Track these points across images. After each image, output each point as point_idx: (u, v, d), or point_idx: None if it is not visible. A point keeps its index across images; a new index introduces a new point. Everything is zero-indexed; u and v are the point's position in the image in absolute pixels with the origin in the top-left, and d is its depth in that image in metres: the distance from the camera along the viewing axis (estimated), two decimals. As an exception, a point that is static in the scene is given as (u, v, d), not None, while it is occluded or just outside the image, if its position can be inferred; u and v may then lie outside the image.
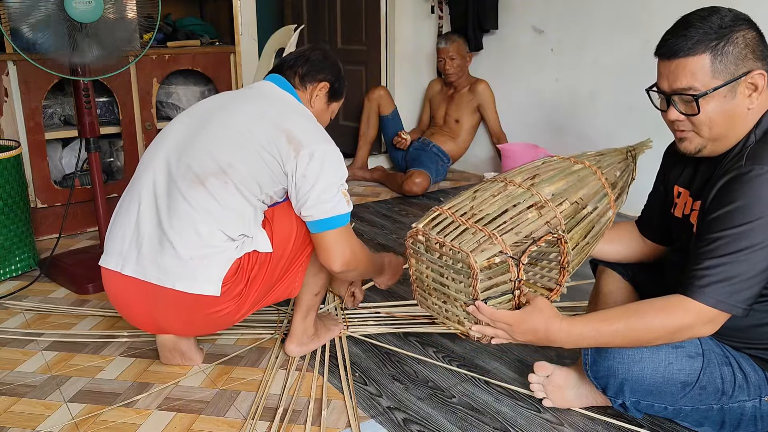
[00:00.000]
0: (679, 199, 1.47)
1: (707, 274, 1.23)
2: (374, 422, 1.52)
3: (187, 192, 1.54)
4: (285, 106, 1.68)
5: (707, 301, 1.23)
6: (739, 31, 1.24)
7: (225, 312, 1.58)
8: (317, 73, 1.75)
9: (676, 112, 1.31)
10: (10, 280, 2.37)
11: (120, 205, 1.65)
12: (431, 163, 3.62)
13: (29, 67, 2.51)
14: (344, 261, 1.61)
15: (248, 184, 1.56)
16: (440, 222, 1.43)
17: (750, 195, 1.21)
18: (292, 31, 2.63)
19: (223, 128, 1.60)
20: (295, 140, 1.57)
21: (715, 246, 1.23)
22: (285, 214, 1.64)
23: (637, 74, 3.07)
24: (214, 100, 1.74)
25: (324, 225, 1.58)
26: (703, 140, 1.32)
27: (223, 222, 1.53)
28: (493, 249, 1.32)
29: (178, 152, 1.59)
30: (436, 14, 3.97)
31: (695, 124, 1.30)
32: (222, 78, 3.12)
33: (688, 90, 1.26)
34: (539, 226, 1.37)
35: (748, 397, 1.37)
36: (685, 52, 1.25)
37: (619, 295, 1.65)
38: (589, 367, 1.43)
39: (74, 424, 1.52)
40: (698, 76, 1.25)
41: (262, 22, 3.59)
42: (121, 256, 1.58)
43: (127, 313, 1.66)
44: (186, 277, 1.52)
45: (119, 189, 2.94)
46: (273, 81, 1.74)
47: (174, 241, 1.52)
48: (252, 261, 1.58)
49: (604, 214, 1.50)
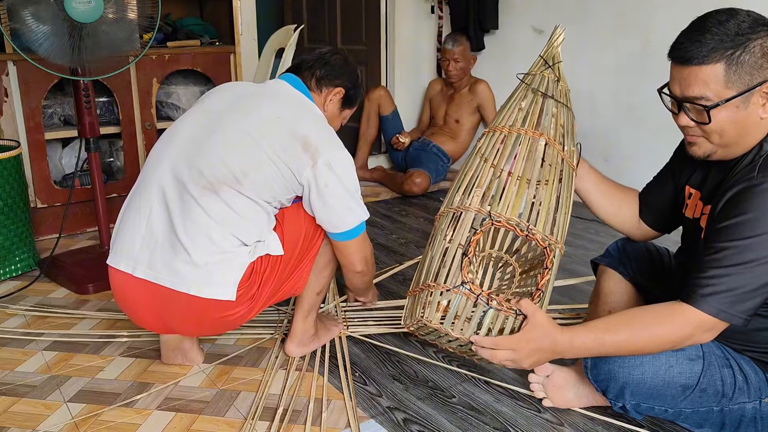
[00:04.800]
0: (690, 200, 1.46)
1: (711, 283, 1.22)
2: (374, 422, 1.52)
3: (200, 198, 1.52)
4: (301, 109, 1.67)
5: (708, 310, 1.22)
6: (756, 38, 1.19)
7: (237, 315, 1.58)
8: (335, 78, 1.75)
9: (686, 118, 1.28)
10: (10, 280, 2.37)
11: (129, 203, 1.63)
12: (431, 163, 3.62)
13: (29, 67, 2.51)
14: (366, 262, 1.74)
15: (262, 192, 1.55)
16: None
17: (760, 208, 1.20)
18: (292, 31, 2.63)
19: (236, 132, 1.57)
20: (312, 147, 1.57)
21: (721, 256, 1.22)
22: (294, 216, 1.65)
23: (637, 74, 3.07)
24: (228, 96, 1.69)
25: (350, 234, 1.65)
26: (713, 146, 1.30)
27: (237, 229, 1.53)
28: (435, 297, 1.36)
29: (190, 155, 1.57)
30: (436, 14, 3.97)
31: (705, 132, 1.28)
32: (222, 78, 3.12)
33: (699, 99, 1.23)
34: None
35: (749, 399, 1.37)
36: (699, 60, 1.20)
37: (620, 295, 1.65)
38: (590, 371, 1.43)
39: (74, 424, 1.52)
40: (711, 85, 1.21)
41: (262, 22, 3.58)
42: (132, 258, 1.56)
43: (134, 314, 1.65)
44: (201, 282, 1.51)
45: (119, 189, 2.95)
46: (288, 81, 1.73)
47: (188, 246, 1.51)
48: (264, 264, 1.58)
49: (562, 175, 1.47)
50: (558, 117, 1.51)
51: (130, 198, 1.64)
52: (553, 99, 1.51)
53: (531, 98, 1.52)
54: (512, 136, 1.47)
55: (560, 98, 1.53)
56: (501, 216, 1.38)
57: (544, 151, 1.46)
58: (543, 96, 1.51)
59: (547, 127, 1.49)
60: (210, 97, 1.71)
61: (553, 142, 1.47)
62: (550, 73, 1.55)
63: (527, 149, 1.45)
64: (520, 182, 1.42)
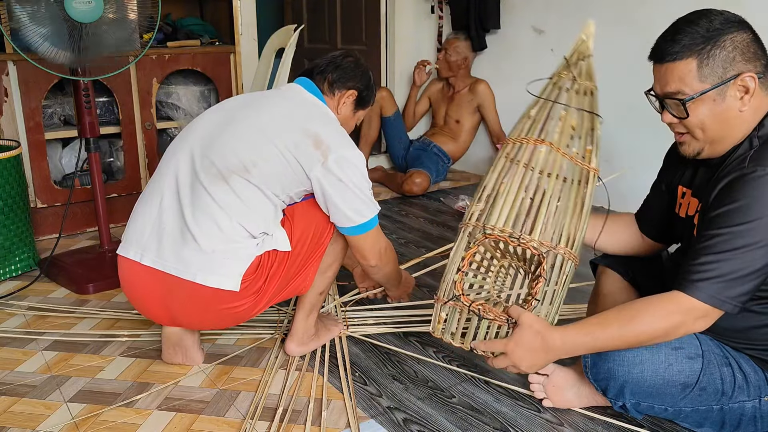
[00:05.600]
0: (683, 198, 1.47)
1: (702, 270, 1.23)
2: (374, 422, 1.52)
3: (209, 187, 1.56)
4: (313, 109, 1.70)
5: (699, 296, 1.23)
6: (727, 34, 1.24)
7: (242, 308, 1.59)
8: (347, 81, 1.77)
9: (669, 115, 1.33)
10: (10, 280, 2.37)
11: (142, 197, 1.67)
12: (431, 164, 3.62)
13: (29, 67, 2.51)
14: (379, 256, 1.74)
15: (270, 184, 1.58)
16: None
17: (752, 195, 1.21)
18: (292, 31, 2.62)
19: (249, 126, 1.61)
20: (323, 144, 1.59)
21: (712, 243, 1.23)
22: (304, 213, 1.67)
23: (636, 74, 3.05)
24: (243, 98, 1.75)
25: (363, 228, 1.66)
26: (699, 143, 1.33)
27: (244, 218, 1.55)
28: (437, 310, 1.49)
29: (203, 147, 1.61)
30: (436, 14, 3.97)
31: (688, 127, 1.32)
32: (222, 78, 3.12)
33: (676, 94, 1.29)
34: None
35: (748, 397, 1.37)
36: (673, 57, 1.27)
37: (620, 296, 1.64)
38: (589, 370, 1.43)
39: (74, 424, 1.52)
40: (686, 80, 1.27)
41: (262, 22, 3.58)
42: (141, 246, 1.60)
43: (140, 304, 1.67)
44: (206, 270, 1.53)
45: (119, 189, 2.95)
46: (302, 84, 1.76)
47: (196, 234, 1.53)
48: (272, 259, 1.60)
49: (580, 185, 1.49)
50: (567, 119, 1.51)
51: (144, 191, 1.68)
52: (561, 103, 1.52)
53: (540, 105, 1.55)
54: (516, 146, 1.51)
55: (575, 98, 1.53)
56: (494, 228, 1.43)
57: (547, 158, 1.47)
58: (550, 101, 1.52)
59: (551, 132, 1.50)
60: (227, 100, 1.78)
61: (556, 147, 1.47)
62: (567, 73, 1.56)
63: (529, 157, 1.47)
64: (514, 191, 1.45)
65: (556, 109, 1.52)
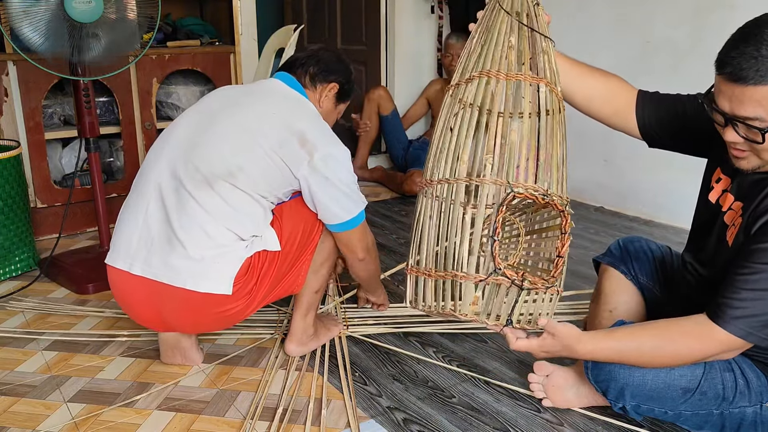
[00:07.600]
0: (718, 184, 1.40)
1: (742, 306, 1.22)
2: (374, 422, 1.52)
3: (195, 192, 1.54)
4: (296, 104, 1.69)
5: (738, 333, 1.23)
6: None
7: (235, 310, 1.59)
8: (329, 74, 1.77)
9: (735, 134, 1.19)
10: (10, 280, 2.37)
11: (127, 202, 1.65)
12: (431, 163, 3.62)
13: (29, 67, 2.50)
14: (367, 250, 1.75)
15: (258, 186, 1.57)
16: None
17: None
18: (292, 31, 2.63)
19: (232, 127, 1.60)
20: (309, 143, 1.58)
21: (755, 278, 1.21)
22: (293, 212, 1.66)
23: (636, 74, 3.06)
24: (222, 95, 1.73)
25: (351, 224, 1.67)
26: (761, 162, 1.23)
27: (232, 222, 1.54)
28: (470, 290, 1.29)
29: (186, 151, 1.59)
30: (436, 14, 3.97)
31: (757, 150, 1.20)
32: (222, 78, 3.12)
33: (753, 120, 1.14)
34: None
35: (749, 403, 1.37)
36: (756, 81, 1.10)
37: (622, 294, 1.65)
38: (590, 371, 1.43)
39: (74, 424, 1.52)
40: (766, 105, 1.12)
41: (262, 22, 3.58)
42: (129, 255, 1.58)
43: (132, 312, 1.66)
44: (197, 276, 1.52)
45: (119, 189, 2.95)
46: (282, 79, 1.75)
47: (184, 241, 1.52)
48: (262, 260, 1.59)
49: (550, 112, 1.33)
50: (549, 53, 1.35)
51: (128, 198, 1.66)
52: (539, 33, 1.34)
53: (518, 32, 1.33)
54: (510, 83, 1.30)
55: (542, 25, 1.36)
56: (522, 186, 1.25)
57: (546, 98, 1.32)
58: (530, 29, 1.33)
59: (543, 68, 1.33)
60: (205, 98, 1.75)
61: (554, 87, 1.33)
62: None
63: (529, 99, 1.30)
64: (528, 142, 1.28)
65: (533, 37, 1.34)
